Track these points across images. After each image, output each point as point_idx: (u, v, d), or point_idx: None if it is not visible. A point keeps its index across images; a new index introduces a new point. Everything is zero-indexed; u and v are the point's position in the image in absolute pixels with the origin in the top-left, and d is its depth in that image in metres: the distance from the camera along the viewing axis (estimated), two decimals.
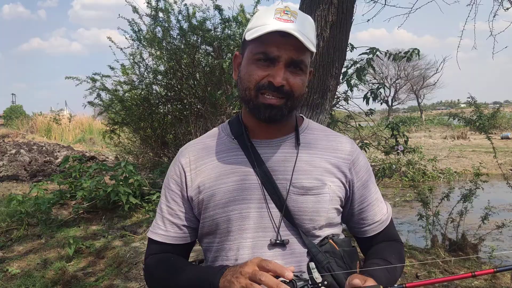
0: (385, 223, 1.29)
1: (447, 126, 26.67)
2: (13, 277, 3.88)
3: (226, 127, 1.28)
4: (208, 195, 1.16)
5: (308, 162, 1.18)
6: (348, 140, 1.29)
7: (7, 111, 28.09)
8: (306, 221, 1.15)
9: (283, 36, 1.06)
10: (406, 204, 8.39)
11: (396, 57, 4.24)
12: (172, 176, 1.25)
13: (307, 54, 1.12)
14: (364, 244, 1.31)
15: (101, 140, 12.86)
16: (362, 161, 1.27)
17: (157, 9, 6.37)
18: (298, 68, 1.11)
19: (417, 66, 39.62)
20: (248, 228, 1.13)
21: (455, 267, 4.27)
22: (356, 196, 1.24)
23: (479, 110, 5.11)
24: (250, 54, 1.12)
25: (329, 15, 2.80)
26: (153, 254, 1.24)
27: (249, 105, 1.14)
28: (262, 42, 1.08)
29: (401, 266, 1.22)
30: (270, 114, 1.11)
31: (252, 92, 1.11)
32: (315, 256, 1.12)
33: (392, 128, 4.78)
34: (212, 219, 1.16)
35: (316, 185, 1.16)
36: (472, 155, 14.64)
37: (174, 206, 1.23)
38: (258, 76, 1.10)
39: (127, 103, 7.22)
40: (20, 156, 11.24)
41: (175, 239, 1.23)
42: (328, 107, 3.05)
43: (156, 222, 1.26)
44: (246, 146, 1.19)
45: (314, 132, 1.27)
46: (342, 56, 2.95)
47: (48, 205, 5.37)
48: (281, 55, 1.07)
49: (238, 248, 1.13)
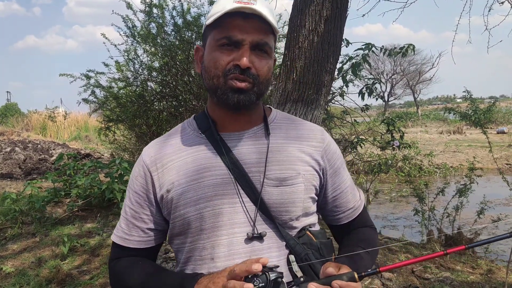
0: (359, 209, 1.28)
1: (443, 121, 26.75)
2: (7, 276, 3.86)
3: (192, 123, 1.23)
4: (177, 193, 1.11)
5: (280, 152, 1.15)
6: (318, 127, 1.27)
7: (2, 109, 27.93)
8: (283, 213, 1.12)
9: (245, 19, 1.04)
10: (402, 199, 8.41)
11: (391, 52, 4.23)
12: (136, 177, 1.18)
13: (270, 37, 1.10)
14: (339, 232, 1.31)
15: (96, 137, 12.81)
16: (334, 148, 1.25)
17: (151, 5, 6.32)
18: (263, 51, 1.08)
19: (413, 61, 39.75)
20: (223, 225, 1.09)
21: (451, 261, 4.27)
22: (329, 184, 1.22)
23: (474, 104, 5.11)
24: (212, 41, 1.09)
25: (323, 10, 2.78)
26: (118, 258, 1.19)
27: (217, 93, 1.09)
28: (224, 27, 1.05)
29: (375, 252, 1.22)
30: (239, 98, 1.06)
31: (221, 79, 1.07)
32: (293, 248, 1.10)
33: (388, 124, 4.78)
34: (183, 218, 1.10)
35: (290, 175, 1.13)
36: (468, 150, 14.69)
37: (138, 209, 1.17)
38: (223, 61, 1.06)
39: (122, 100, 7.18)
40: (15, 154, 11.18)
41: (139, 243, 1.18)
42: (323, 103, 3.03)
43: (120, 225, 1.20)
44: (214, 140, 1.14)
45: (283, 122, 1.24)
46: (337, 51, 2.93)
47: (42, 203, 5.34)
48: (245, 38, 1.05)
49: (213, 246, 1.09)
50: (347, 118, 5.28)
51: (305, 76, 2.84)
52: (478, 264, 4.22)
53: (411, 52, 4.07)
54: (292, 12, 2.94)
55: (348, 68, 3.91)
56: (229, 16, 1.04)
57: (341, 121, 5.40)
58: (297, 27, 2.86)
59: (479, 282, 3.71)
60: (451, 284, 3.64)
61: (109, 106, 7.41)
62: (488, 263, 4.30)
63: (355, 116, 5.35)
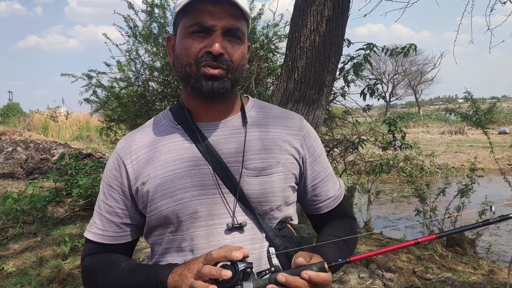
0: (339, 198, 1.26)
1: (444, 121, 26.72)
2: (8, 275, 3.87)
3: (168, 114, 1.19)
4: (154, 185, 1.07)
5: (258, 141, 1.13)
6: (297, 115, 1.24)
7: (4, 109, 28.00)
8: (263, 203, 1.09)
9: (215, 4, 1.01)
10: (403, 200, 8.40)
11: (393, 52, 4.23)
12: (110, 171, 1.14)
13: (242, 22, 1.07)
14: (318, 222, 1.28)
15: (98, 137, 12.82)
16: (313, 136, 1.23)
17: (153, 5, 6.32)
18: (236, 37, 1.06)
19: (415, 62, 39.70)
20: (201, 216, 1.05)
21: (452, 262, 4.26)
22: (309, 172, 1.20)
23: (475, 105, 5.11)
24: (183, 28, 1.05)
25: (325, 10, 2.78)
26: (91, 255, 1.15)
27: (190, 82, 1.06)
28: (194, 14, 1.02)
29: (354, 242, 1.19)
30: (213, 85, 1.03)
31: (193, 67, 1.04)
32: (272, 240, 1.08)
33: (390, 124, 4.77)
34: (160, 211, 1.07)
35: (269, 164, 1.11)
36: (470, 150, 14.66)
37: (113, 203, 1.13)
38: (195, 49, 1.03)
39: (124, 100, 7.18)
40: (16, 154, 11.20)
41: (113, 239, 1.14)
42: (325, 103, 3.03)
43: (94, 221, 1.17)
44: (191, 130, 1.11)
45: (261, 110, 1.22)
46: (339, 51, 2.93)
47: (44, 203, 5.35)
48: (216, 24, 1.02)
49: (192, 238, 1.05)
50: (348, 118, 5.27)
51: (306, 76, 2.84)
52: (480, 265, 4.21)
53: (413, 52, 4.06)
54: (294, 12, 2.94)
55: (350, 68, 3.90)
56: (199, 1, 1.01)
57: (342, 121, 5.40)
58: (298, 27, 2.86)
59: (481, 283, 3.71)
60: (453, 284, 3.63)
61: (111, 106, 7.41)
62: (490, 264, 4.29)
63: (356, 116, 5.34)
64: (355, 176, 7.58)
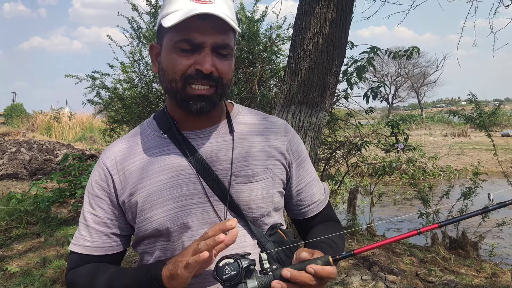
0: (324, 203, 1.27)
1: (447, 123, 26.68)
2: (12, 276, 3.88)
3: (152, 123, 1.17)
4: (142, 196, 1.05)
5: (246, 148, 1.12)
6: (281, 121, 1.24)
7: (7, 110, 28.11)
8: (253, 210, 1.09)
9: (203, 19, 0.97)
10: (406, 202, 8.39)
11: (396, 55, 4.23)
12: (96, 181, 1.11)
13: (231, 35, 1.04)
14: (303, 227, 1.28)
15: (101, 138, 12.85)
16: (298, 141, 1.23)
17: (157, 7, 6.34)
18: (224, 52, 1.03)
19: (418, 64, 39.62)
20: (193, 226, 1.04)
21: (455, 265, 4.26)
22: (294, 177, 1.20)
23: (479, 107, 5.11)
24: (170, 42, 1.02)
25: (328, 12, 2.78)
26: (76, 268, 1.11)
27: (176, 97, 1.04)
28: (182, 28, 0.98)
29: (342, 243, 1.19)
30: (201, 106, 1.02)
31: (179, 83, 1.02)
32: (264, 246, 1.08)
33: (392, 126, 4.77)
34: (149, 222, 1.05)
35: (258, 171, 1.10)
36: (473, 153, 14.63)
37: (101, 213, 1.10)
38: (183, 66, 1.00)
39: (127, 101, 7.20)
40: (20, 155, 11.24)
41: (103, 250, 1.10)
42: (328, 105, 3.03)
43: (80, 233, 1.12)
44: (177, 139, 1.10)
45: (246, 116, 1.21)
46: (342, 54, 2.94)
47: (47, 204, 5.37)
48: (206, 40, 0.99)
49: (183, 248, 1.02)
50: (351, 120, 5.28)
51: (309, 78, 2.85)
52: (483, 268, 4.21)
53: (416, 55, 4.07)
54: (297, 15, 2.95)
55: (353, 71, 3.91)
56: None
57: (345, 123, 5.40)
58: (302, 29, 2.86)
59: (484, 286, 3.70)
60: (456, 287, 3.62)
61: (114, 107, 7.43)
62: (493, 267, 4.29)
63: (359, 118, 5.35)
64: (358, 178, 7.59)
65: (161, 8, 1.07)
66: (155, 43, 1.11)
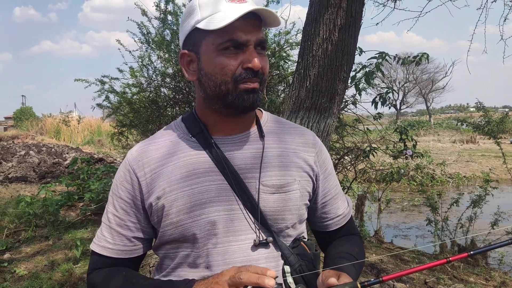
0: (347, 216, 1.26)
1: (456, 130, 26.51)
2: (20, 279, 3.90)
3: (181, 125, 1.15)
4: (169, 200, 1.04)
5: (275, 157, 1.11)
6: (309, 131, 1.23)
7: (17, 113, 28.39)
8: (279, 221, 1.08)
9: (244, 18, 0.98)
10: (414, 209, 8.33)
11: (405, 61, 4.22)
12: (121, 183, 1.10)
13: (263, 31, 1.07)
14: (325, 239, 1.27)
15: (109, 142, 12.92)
16: (325, 153, 1.22)
17: (166, 12, 6.38)
18: (263, 49, 1.06)
19: (426, 70, 39.45)
20: (219, 233, 1.03)
21: (464, 273, 4.22)
22: (320, 189, 1.19)
23: (487, 115, 5.07)
24: (212, 46, 1.01)
25: (337, 19, 2.79)
26: (98, 269, 1.11)
27: (227, 99, 1.03)
28: (225, 30, 0.98)
29: (363, 261, 1.19)
30: (254, 98, 1.03)
31: (230, 85, 1.01)
32: (287, 258, 1.08)
33: (401, 132, 4.75)
34: (175, 227, 1.04)
35: (286, 182, 1.09)
36: (482, 160, 14.52)
37: (124, 216, 1.09)
38: (233, 66, 1.00)
39: (136, 106, 7.24)
40: (29, 158, 11.33)
41: (124, 253, 1.10)
42: (336, 111, 3.03)
43: (102, 233, 1.11)
44: (207, 144, 1.08)
45: (275, 125, 1.19)
46: (351, 60, 2.94)
47: (56, 207, 5.40)
48: (249, 39, 1.00)
49: (207, 255, 1.03)
50: (359, 126, 5.26)
51: (318, 84, 2.85)
52: (492, 276, 4.16)
53: (425, 61, 4.06)
54: (306, 20, 2.95)
55: (362, 76, 3.90)
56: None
57: (353, 129, 5.39)
58: (311, 35, 2.87)
59: None
60: None
61: (123, 111, 7.48)
62: (502, 275, 4.24)
63: (367, 124, 5.33)
64: (366, 184, 7.55)
65: (188, 15, 1.06)
66: (186, 51, 1.09)
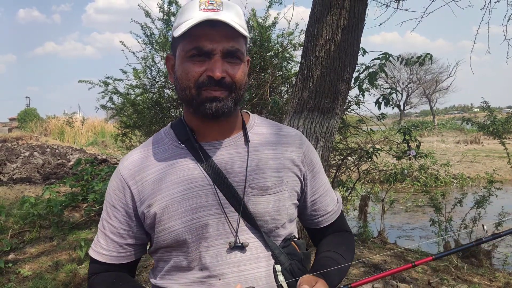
0: (337, 213, 1.29)
1: (460, 130, 26.41)
2: (25, 279, 3.92)
3: (170, 132, 1.18)
4: (161, 207, 1.07)
5: (261, 160, 1.13)
6: (296, 132, 1.25)
7: (21, 114, 28.49)
8: (269, 222, 1.11)
9: (212, 27, 1.00)
10: (418, 209, 8.31)
11: (408, 61, 4.21)
12: (114, 191, 1.14)
13: (241, 41, 1.06)
14: (316, 236, 1.30)
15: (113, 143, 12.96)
16: (312, 152, 1.24)
17: (169, 13, 6.40)
18: (235, 57, 1.05)
19: (430, 70, 39.29)
20: (210, 236, 1.07)
21: (468, 274, 4.20)
22: (309, 188, 1.22)
23: (492, 114, 5.05)
24: (182, 52, 1.05)
25: (340, 19, 2.79)
26: (97, 274, 1.16)
27: (192, 104, 1.07)
28: (192, 37, 1.02)
29: (351, 257, 1.24)
30: (217, 107, 1.04)
31: (193, 90, 1.05)
32: (277, 258, 1.11)
33: (404, 133, 4.74)
34: (168, 232, 1.07)
35: (274, 183, 1.12)
36: (486, 160, 14.46)
37: (116, 223, 1.14)
38: (195, 73, 1.03)
39: (139, 107, 7.26)
40: (33, 159, 11.38)
41: (117, 259, 1.15)
42: (339, 112, 3.03)
43: (98, 240, 1.17)
44: (195, 150, 1.11)
45: (262, 127, 1.22)
46: (354, 61, 2.94)
47: (60, 208, 5.42)
48: (215, 47, 1.02)
49: (200, 258, 1.07)
50: (362, 127, 5.26)
51: (321, 85, 2.85)
52: (496, 277, 4.15)
53: (429, 61, 4.05)
54: (309, 21, 2.96)
55: (365, 77, 3.90)
56: (196, 26, 1.00)
57: (356, 130, 5.38)
58: (314, 36, 2.87)
59: None
60: None
61: (126, 112, 7.50)
62: (506, 276, 4.22)
63: (370, 125, 5.32)
64: (369, 185, 7.54)
65: (175, 19, 1.10)
66: (170, 54, 1.15)
